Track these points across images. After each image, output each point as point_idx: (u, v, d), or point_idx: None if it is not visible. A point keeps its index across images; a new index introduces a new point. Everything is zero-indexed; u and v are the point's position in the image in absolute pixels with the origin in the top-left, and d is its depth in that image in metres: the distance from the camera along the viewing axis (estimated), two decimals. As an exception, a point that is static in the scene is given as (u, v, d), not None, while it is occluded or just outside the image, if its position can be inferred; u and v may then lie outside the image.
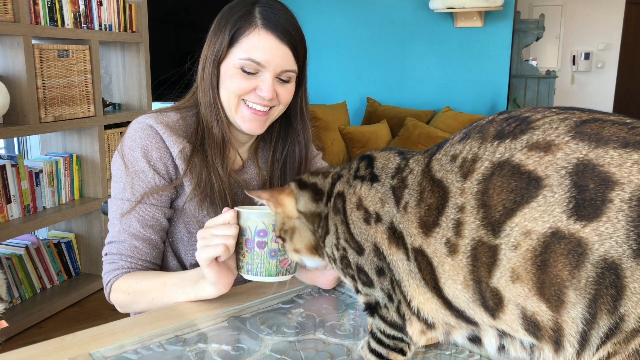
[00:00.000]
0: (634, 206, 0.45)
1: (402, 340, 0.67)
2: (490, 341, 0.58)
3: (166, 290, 1.00)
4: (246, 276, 0.92)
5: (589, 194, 0.46)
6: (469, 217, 0.53)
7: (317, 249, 0.79)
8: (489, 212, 0.52)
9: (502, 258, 0.51)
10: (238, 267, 0.93)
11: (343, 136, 3.98)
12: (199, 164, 1.08)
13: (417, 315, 0.62)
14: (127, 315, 1.13)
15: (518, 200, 0.50)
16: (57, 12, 2.60)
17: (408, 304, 0.62)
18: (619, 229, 0.45)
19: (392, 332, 0.67)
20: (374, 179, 0.66)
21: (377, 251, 0.64)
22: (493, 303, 0.53)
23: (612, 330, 0.46)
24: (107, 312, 2.67)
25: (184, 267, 1.15)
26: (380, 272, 0.65)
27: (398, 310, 0.64)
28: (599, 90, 6.12)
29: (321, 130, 3.92)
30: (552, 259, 0.48)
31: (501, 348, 0.58)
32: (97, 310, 2.70)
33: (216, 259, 0.91)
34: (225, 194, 1.09)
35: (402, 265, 0.61)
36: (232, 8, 1.06)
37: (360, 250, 0.66)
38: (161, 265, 1.14)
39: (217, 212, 1.10)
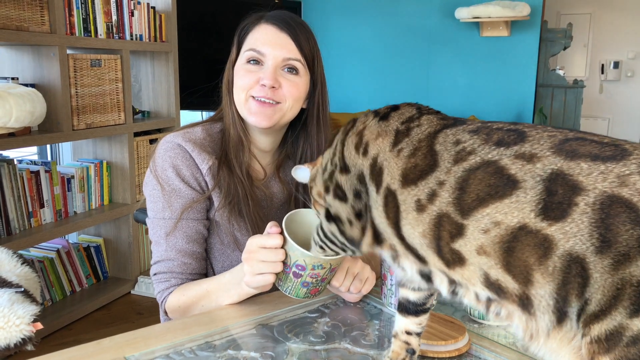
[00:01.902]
0: (596, 209, 0.51)
1: (346, 249, 0.77)
2: (441, 285, 0.64)
3: (211, 296, 1.04)
4: (277, 286, 0.95)
5: (557, 197, 0.53)
6: (445, 193, 0.60)
7: None
8: (462, 196, 0.58)
9: (469, 236, 0.58)
10: None
11: (367, 145, 3.99)
12: (226, 174, 1.11)
13: (374, 229, 0.70)
14: (158, 320, 1.17)
15: (492, 193, 0.56)
16: (91, 23, 2.68)
17: (372, 222, 0.70)
18: (582, 229, 0.51)
19: (344, 242, 0.76)
20: (384, 117, 0.72)
21: (361, 178, 0.70)
22: (451, 257, 0.60)
23: (580, 311, 0.52)
24: (133, 316, 2.73)
25: (214, 273, 1.18)
26: (357, 195, 0.71)
27: (363, 228, 0.71)
28: (628, 100, 6.02)
29: (345, 139, 3.94)
30: (519, 247, 0.54)
31: (453, 293, 0.64)
32: (124, 313, 2.76)
33: None
34: (249, 199, 1.11)
35: (373, 195, 0.69)
36: (244, 19, 1.15)
37: (344, 169, 0.73)
38: None
39: (245, 224, 1.13)
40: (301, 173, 0.87)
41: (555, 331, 0.55)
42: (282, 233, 0.91)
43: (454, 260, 0.60)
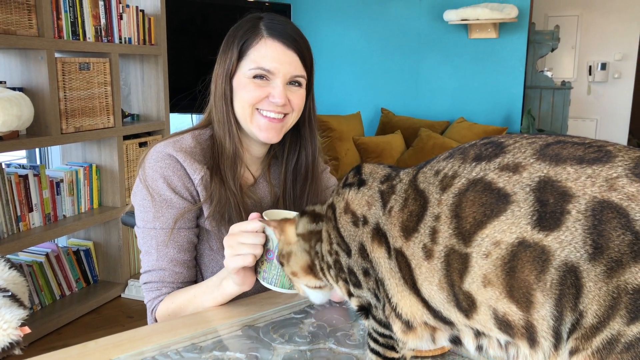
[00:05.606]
0: (588, 216, 0.50)
1: (391, 337, 0.71)
2: (468, 341, 0.62)
3: (197, 300, 1.05)
4: (262, 282, 0.96)
5: (549, 207, 0.52)
6: (443, 226, 0.59)
7: (311, 268, 0.81)
8: (461, 223, 0.57)
9: (473, 265, 0.56)
10: (256, 272, 0.97)
11: (357, 146, 4.01)
12: (218, 185, 1.10)
13: (397, 314, 0.66)
14: (145, 322, 1.17)
15: (488, 213, 0.55)
16: (79, 26, 2.67)
17: (389, 302, 0.67)
18: (576, 237, 0.50)
19: (382, 330, 0.71)
20: (361, 183, 0.71)
21: (362, 251, 0.69)
22: (466, 304, 0.58)
23: (574, 325, 0.52)
24: (124, 319, 2.72)
25: (203, 279, 1.18)
26: (365, 272, 0.69)
27: (384, 309, 0.69)
28: (615, 101, 6.07)
29: (335, 141, 3.96)
30: (519, 265, 0.53)
31: (479, 348, 0.62)
32: (114, 317, 2.75)
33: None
34: (240, 209, 1.11)
35: (383, 263, 0.66)
36: (238, 26, 1.12)
37: (348, 252, 0.71)
38: None
39: None
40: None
41: (552, 358, 0.54)
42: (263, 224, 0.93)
43: (469, 305, 0.58)
